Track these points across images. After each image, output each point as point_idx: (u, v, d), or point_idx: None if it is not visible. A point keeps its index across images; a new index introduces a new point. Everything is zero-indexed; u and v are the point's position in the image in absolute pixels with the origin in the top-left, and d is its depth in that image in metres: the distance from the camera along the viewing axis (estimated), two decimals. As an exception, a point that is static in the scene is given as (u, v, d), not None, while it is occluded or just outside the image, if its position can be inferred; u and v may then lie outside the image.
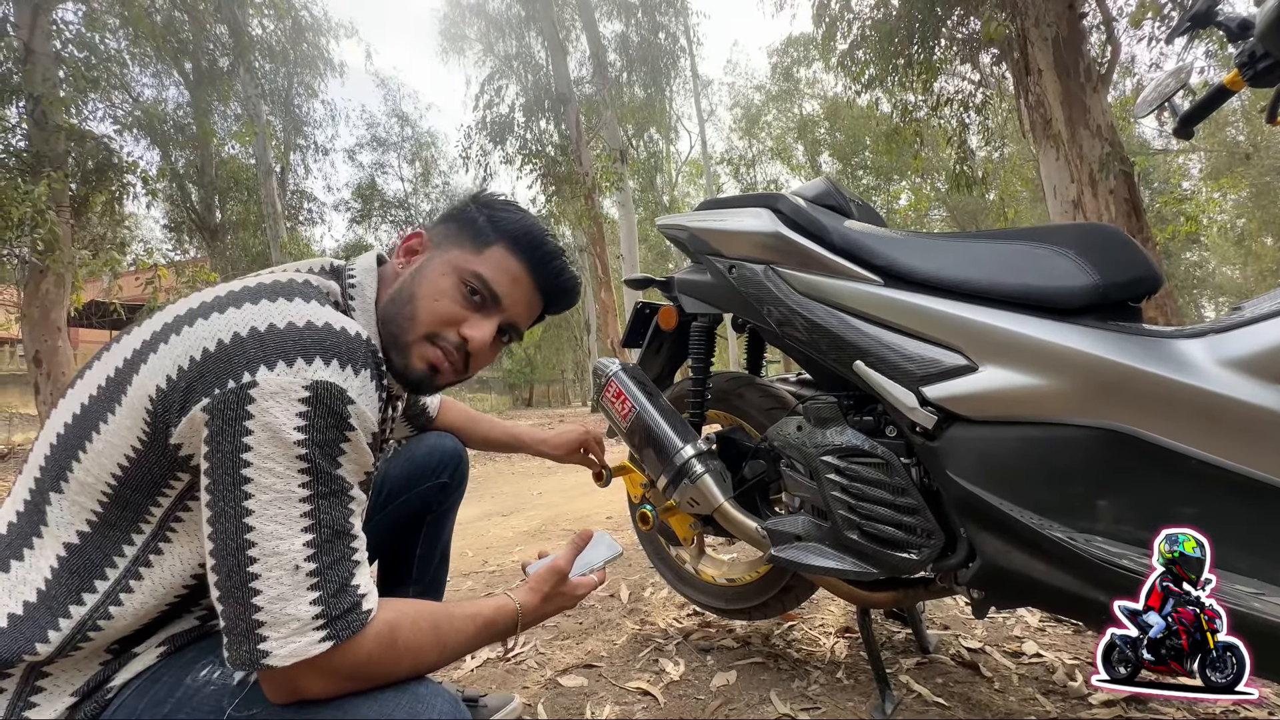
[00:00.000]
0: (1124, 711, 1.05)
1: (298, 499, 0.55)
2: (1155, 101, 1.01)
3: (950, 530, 0.94)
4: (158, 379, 0.58)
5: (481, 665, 1.43)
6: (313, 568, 0.55)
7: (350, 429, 0.58)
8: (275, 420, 0.54)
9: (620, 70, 13.46)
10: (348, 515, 0.58)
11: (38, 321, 6.36)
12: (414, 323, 0.72)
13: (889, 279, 0.99)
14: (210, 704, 0.58)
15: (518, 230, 0.76)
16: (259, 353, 0.56)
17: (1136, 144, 14.95)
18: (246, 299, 0.61)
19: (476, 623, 0.66)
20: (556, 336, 23.55)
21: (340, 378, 0.58)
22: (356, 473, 0.61)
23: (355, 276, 0.73)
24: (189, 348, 0.58)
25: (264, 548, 0.54)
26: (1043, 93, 5.30)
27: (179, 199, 11.37)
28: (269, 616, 0.53)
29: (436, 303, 0.72)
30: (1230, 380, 0.71)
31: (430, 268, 0.74)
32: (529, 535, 2.81)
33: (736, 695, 1.19)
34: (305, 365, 0.56)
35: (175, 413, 0.57)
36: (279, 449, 0.55)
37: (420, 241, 0.76)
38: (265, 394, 0.55)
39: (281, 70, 12.11)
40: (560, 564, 0.76)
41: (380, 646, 0.57)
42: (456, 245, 0.75)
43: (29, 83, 6.13)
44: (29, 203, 5.62)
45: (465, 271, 0.73)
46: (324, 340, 0.59)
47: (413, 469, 1.10)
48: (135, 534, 0.61)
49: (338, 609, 0.55)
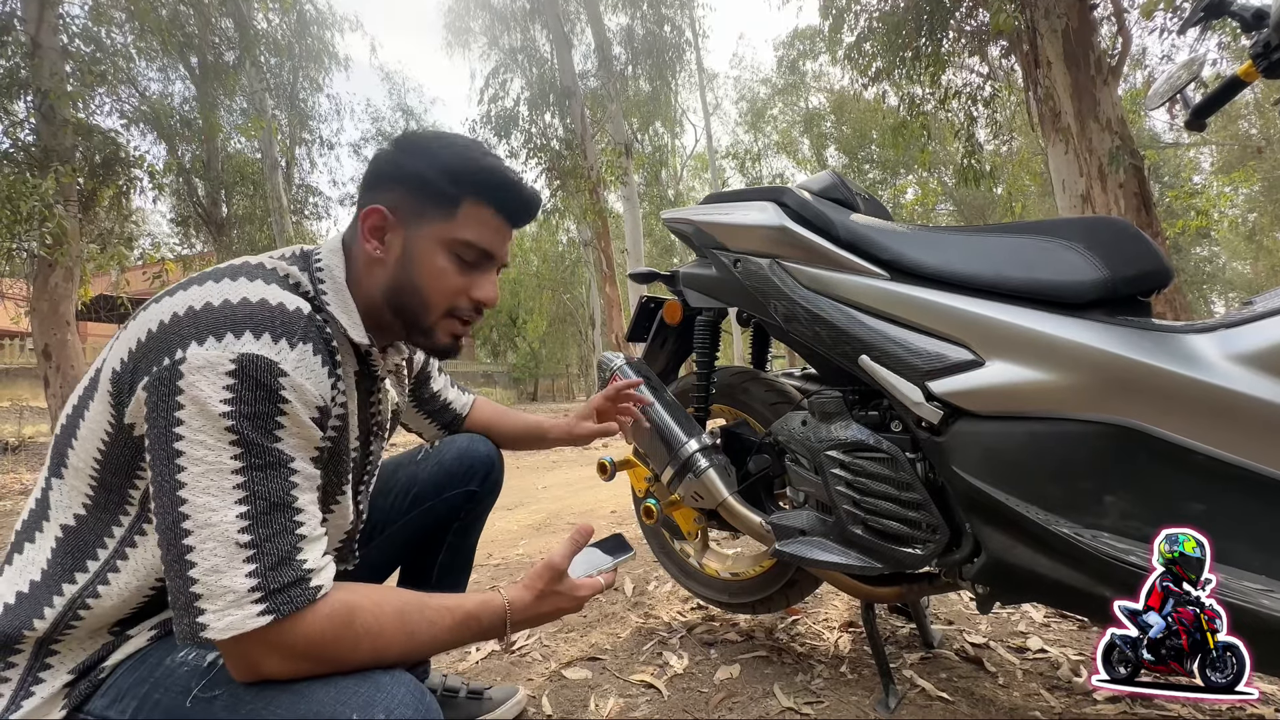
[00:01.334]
0: (1129, 707, 1.04)
1: (229, 470, 0.55)
2: (1167, 94, 1.00)
3: (955, 525, 0.94)
4: (114, 363, 0.61)
5: (486, 657, 1.44)
6: (247, 539, 0.55)
7: (284, 401, 0.58)
8: (201, 394, 0.55)
9: (625, 63, 13.39)
10: (288, 489, 0.58)
11: (47, 315, 6.40)
12: (429, 307, 0.74)
13: (895, 273, 0.99)
14: (180, 685, 0.59)
15: (475, 177, 0.73)
16: (191, 329, 0.58)
17: (1147, 137, 14.77)
18: (195, 282, 0.63)
19: (454, 615, 0.63)
20: (561, 331, 23.56)
21: (271, 350, 0.58)
22: (301, 447, 0.60)
23: (322, 259, 0.72)
24: (138, 330, 0.61)
25: (196, 519, 0.54)
26: (1052, 85, 5.24)
27: (185, 193, 11.40)
28: (204, 589, 0.53)
29: (440, 282, 0.73)
30: (1240, 375, 0.70)
31: (417, 251, 0.72)
32: (533, 529, 2.82)
33: (740, 689, 1.20)
34: (234, 339, 0.57)
35: (126, 393, 0.60)
36: (208, 422, 0.55)
37: (382, 218, 0.71)
38: (193, 368, 0.56)
39: (287, 64, 12.10)
40: (555, 560, 0.70)
41: (335, 625, 0.56)
42: (426, 216, 0.72)
43: (36, 77, 6.15)
44: (37, 197, 5.65)
45: (454, 242, 0.73)
46: (255, 315, 0.59)
47: (441, 474, 1.06)
48: (123, 516, 0.64)
49: (277, 582, 0.55)
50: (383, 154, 0.75)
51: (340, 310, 0.70)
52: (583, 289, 20.36)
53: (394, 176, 0.73)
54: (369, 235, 0.72)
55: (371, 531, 1.00)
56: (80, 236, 6.62)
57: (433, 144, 0.74)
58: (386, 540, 1.03)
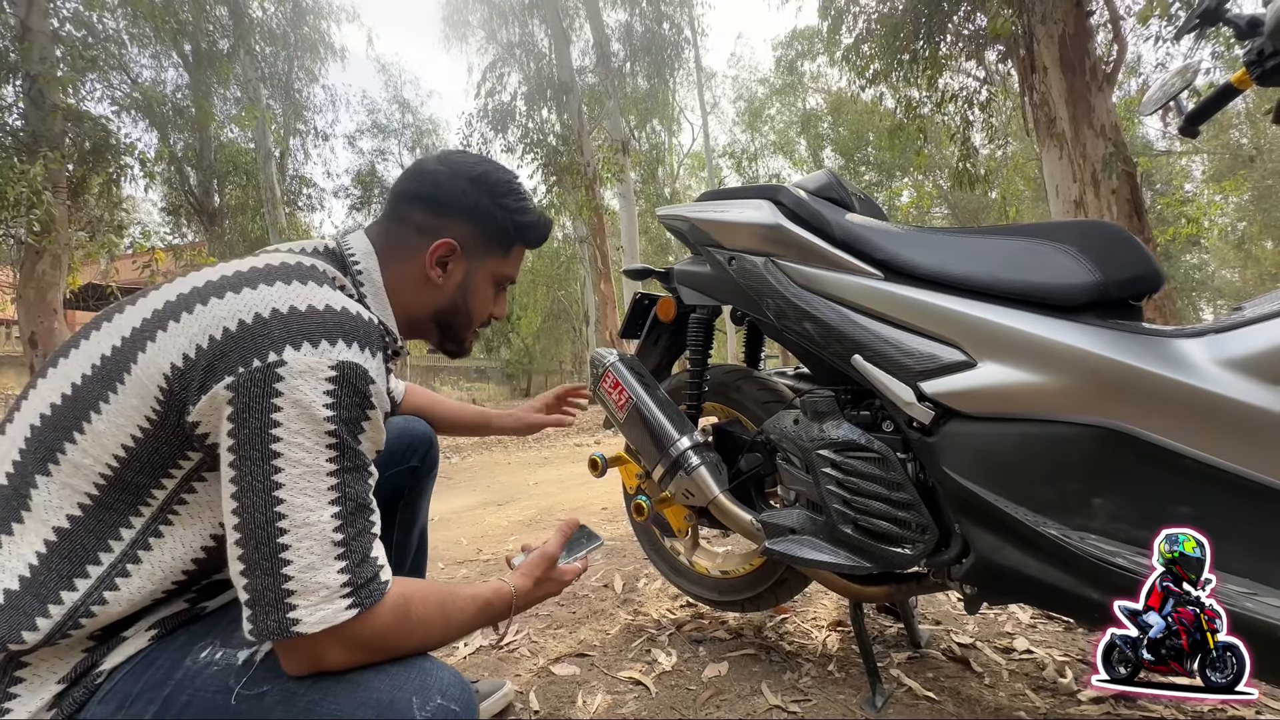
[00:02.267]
0: (1113, 708, 1.05)
1: (325, 473, 0.57)
2: (1161, 100, 1.00)
3: (944, 526, 0.94)
4: (172, 357, 0.59)
5: (474, 653, 1.43)
6: (340, 538, 0.57)
7: (371, 407, 0.62)
8: (305, 397, 0.57)
9: (624, 60, 13.35)
10: (368, 489, 0.61)
11: (33, 303, 6.32)
12: (469, 326, 0.86)
13: (889, 273, 0.99)
14: (216, 684, 0.58)
15: (535, 232, 0.86)
16: (283, 333, 0.59)
17: (1140, 144, 14.90)
18: (260, 280, 0.63)
19: (477, 603, 0.69)
20: (555, 328, 23.52)
21: (361, 359, 0.61)
22: (372, 450, 0.64)
23: (359, 261, 0.76)
24: (206, 326, 0.59)
25: (295, 519, 0.55)
26: (1047, 91, 5.27)
27: (177, 182, 11.29)
28: (299, 585, 0.55)
29: (486, 307, 0.87)
30: (1229, 380, 0.70)
31: (476, 282, 0.83)
32: (523, 525, 2.81)
33: (728, 686, 1.20)
34: (330, 346, 0.59)
35: (195, 390, 0.58)
36: (309, 425, 0.57)
37: (452, 251, 0.79)
38: (294, 372, 0.57)
39: (282, 54, 12.00)
40: (551, 550, 0.79)
41: (397, 617, 0.59)
42: (488, 253, 0.83)
43: (26, 61, 6.06)
44: (25, 183, 5.57)
45: (501, 276, 0.86)
46: (344, 323, 0.62)
47: (384, 454, 1.08)
48: (134, 516, 0.61)
49: (362, 577, 0.57)
50: (445, 180, 0.80)
51: (381, 315, 0.76)
52: (577, 285, 20.32)
53: (466, 212, 0.80)
54: (434, 264, 0.78)
55: None
56: (69, 224, 6.54)
57: (492, 182, 0.82)
58: None
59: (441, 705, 0.58)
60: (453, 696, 0.59)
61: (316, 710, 0.56)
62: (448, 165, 0.81)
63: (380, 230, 0.80)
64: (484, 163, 0.84)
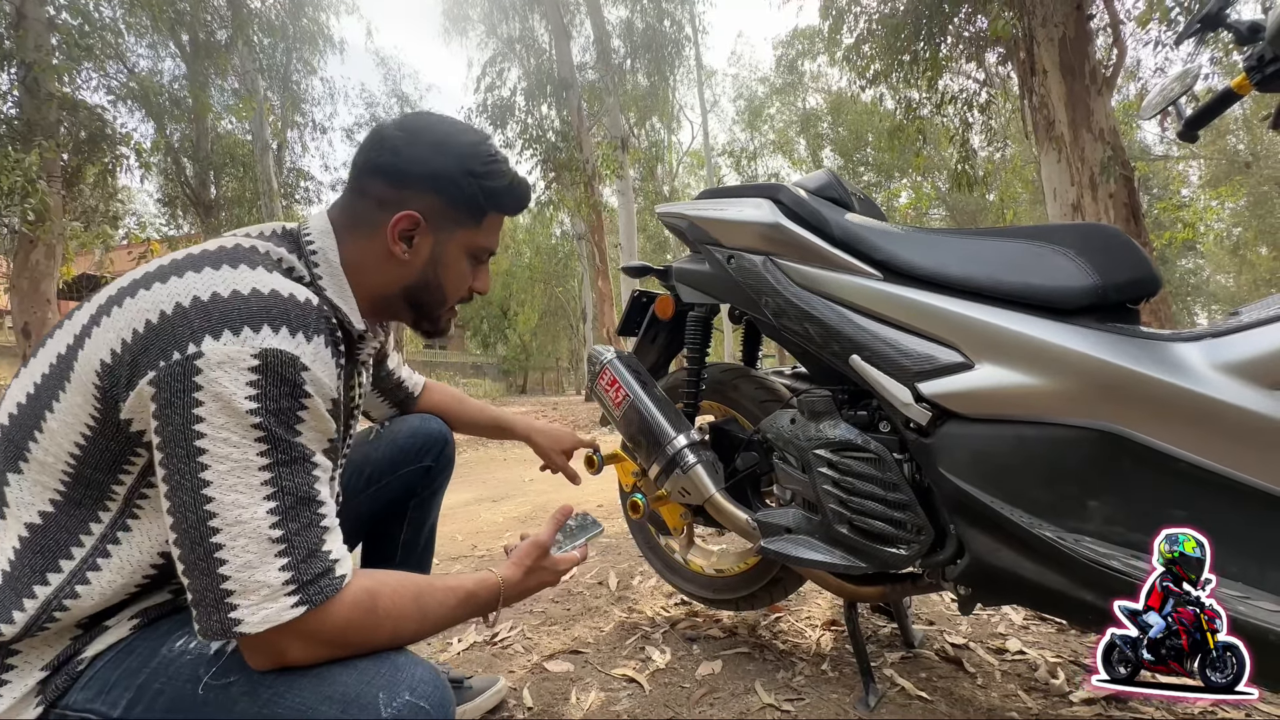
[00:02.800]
0: (1104, 710, 1.06)
1: (257, 467, 0.55)
2: (1161, 105, 1.00)
3: (940, 527, 0.94)
4: (102, 353, 0.57)
5: (468, 648, 1.43)
6: (279, 534, 0.55)
7: (306, 396, 0.58)
8: (225, 390, 0.54)
9: (624, 57, 13.32)
10: (311, 482, 0.58)
11: (27, 293, 6.28)
12: (444, 303, 0.79)
13: (888, 274, 0.99)
14: (187, 673, 0.58)
15: (510, 198, 0.79)
16: (203, 322, 0.55)
17: (1138, 149, 14.95)
18: (189, 267, 0.60)
19: (458, 595, 0.67)
20: (553, 324, 23.49)
21: (291, 345, 0.57)
22: (318, 440, 0.61)
23: (314, 241, 0.70)
24: (131, 320, 0.57)
25: (226, 517, 0.53)
26: (1047, 94, 5.28)
27: (173, 173, 11.20)
28: (238, 585, 0.53)
29: (460, 281, 0.79)
30: (1225, 385, 0.71)
31: (446, 255, 0.76)
32: (519, 521, 2.81)
33: (721, 685, 1.20)
34: (252, 333, 0.56)
35: (123, 387, 0.56)
36: (232, 419, 0.54)
37: (415, 224, 0.72)
38: (212, 364, 0.54)
39: (280, 45, 11.91)
40: (541, 538, 0.77)
41: (360, 612, 0.58)
42: (457, 224, 0.75)
43: (21, 49, 6.01)
44: (20, 171, 5.54)
45: (476, 248, 0.78)
46: (270, 308, 0.58)
47: (396, 452, 1.08)
48: (102, 512, 0.61)
49: (308, 574, 0.55)
50: (404, 148, 0.72)
51: (338, 297, 0.70)
52: (575, 283, 20.30)
53: (426, 182, 0.72)
54: (398, 239, 0.72)
55: None
56: (63, 213, 6.50)
57: (456, 146, 0.74)
58: (344, 519, 1.03)
59: (409, 702, 0.56)
60: (423, 694, 0.57)
61: (280, 703, 0.55)
62: (406, 131, 0.73)
63: (341, 207, 0.74)
64: (446, 123, 0.76)
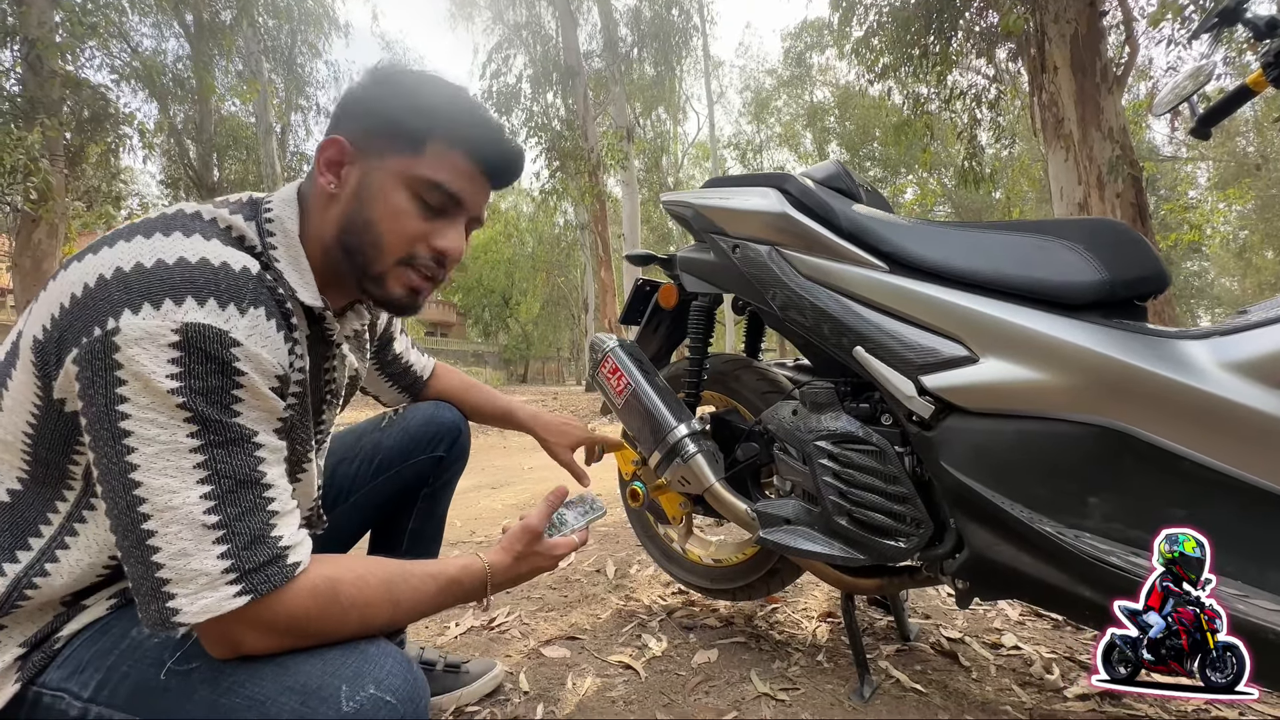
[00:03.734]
0: (1098, 705, 1.06)
1: (187, 449, 0.52)
2: (1173, 101, 1.00)
3: (939, 520, 0.94)
4: (35, 330, 0.55)
5: (465, 633, 1.44)
6: (215, 520, 0.52)
7: (239, 374, 0.54)
8: (144, 369, 0.50)
9: (631, 46, 13.22)
10: (253, 464, 0.55)
11: (29, 272, 6.28)
12: (381, 251, 0.66)
13: (894, 266, 0.98)
14: (152, 657, 0.57)
15: (449, 115, 0.66)
16: (123, 295, 0.52)
17: (1146, 149, 14.85)
18: (122, 236, 0.56)
19: (438, 581, 0.64)
20: (554, 314, 23.48)
21: (219, 318, 0.53)
22: (263, 419, 0.57)
23: (273, 209, 0.65)
24: (60, 294, 0.54)
25: (155, 503, 0.51)
26: (1057, 91, 5.24)
27: (176, 155, 11.16)
28: (173, 574, 0.51)
29: (398, 223, 0.65)
30: (1231, 384, 0.70)
31: (374, 184, 0.64)
32: (518, 508, 2.82)
33: (717, 673, 1.20)
34: (174, 306, 0.52)
35: (53, 365, 0.54)
36: (155, 399, 0.51)
37: (341, 150, 0.65)
38: (129, 340, 0.50)
39: (285, 27, 11.82)
40: (532, 522, 0.72)
41: (319, 601, 0.55)
42: (390, 150, 0.64)
43: (24, 25, 5.97)
44: (22, 149, 5.52)
45: (416, 181, 0.65)
46: (196, 278, 0.53)
47: (408, 440, 1.05)
48: (66, 491, 0.59)
49: (251, 562, 0.53)
50: (354, 86, 0.68)
51: (290, 267, 0.64)
52: (577, 272, 20.25)
53: (360, 108, 0.66)
54: (325, 168, 0.65)
55: (336, 498, 1.00)
56: (66, 193, 6.48)
57: (408, 79, 0.67)
58: (353, 507, 1.02)
59: (374, 696, 0.53)
60: (390, 687, 0.54)
61: (239, 691, 0.54)
62: (370, 75, 0.68)
63: (306, 180, 0.68)
64: (420, 73, 0.68)
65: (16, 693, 0.58)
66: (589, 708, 1.10)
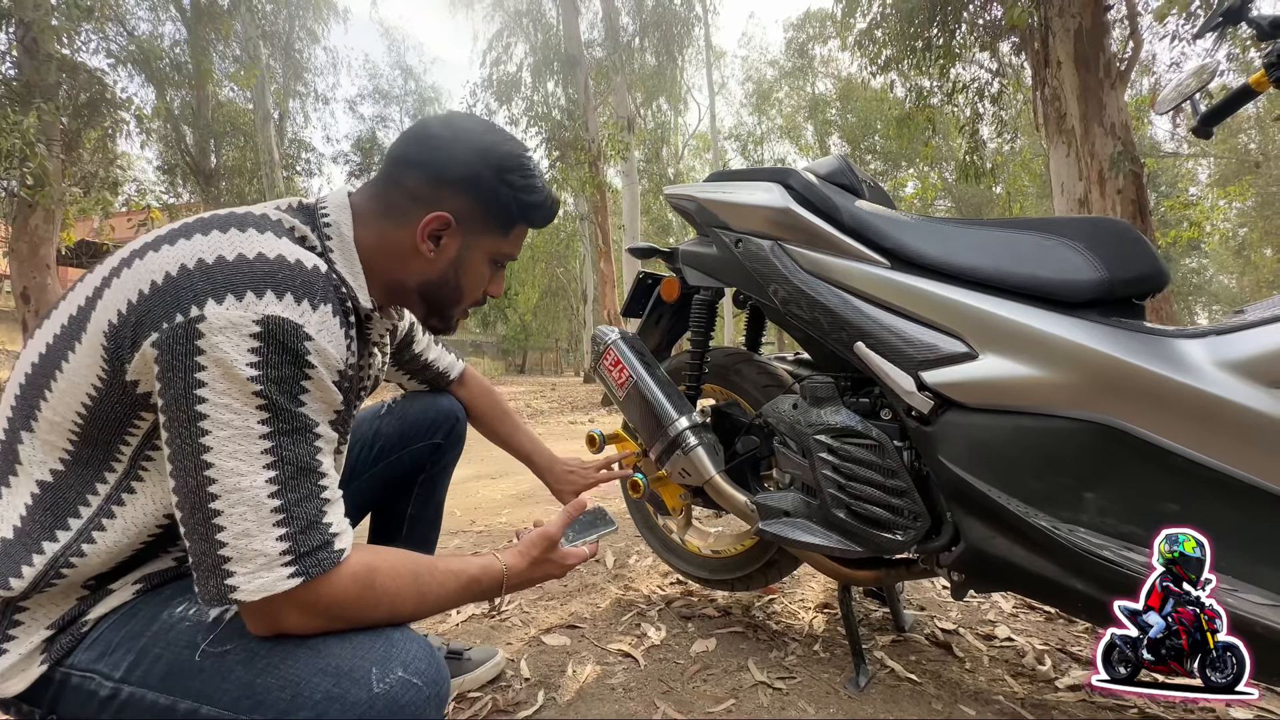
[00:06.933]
0: (1089, 695, 1.08)
1: (257, 435, 0.55)
2: (1176, 100, 1.00)
3: (936, 513, 0.95)
4: (110, 314, 0.58)
5: (467, 620, 1.46)
6: (277, 504, 0.54)
7: (309, 366, 0.58)
8: (226, 356, 0.53)
9: (633, 35, 13.10)
10: (314, 453, 0.58)
11: (26, 257, 6.25)
12: (459, 304, 0.80)
13: (896, 262, 0.99)
14: (185, 639, 0.59)
15: (540, 213, 0.79)
16: (206, 285, 0.55)
17: (1147, 145, 14.83)
18: (197, 230, 0.59)
19: (460, 579, 0.66)
20: (553, 305, 23.43)
21: (295, 313, 0.57)
22: (323, 410, 0.60)
23: (329, 215, 0.70)
24: (138, 281, 0.57)
25: (224, 484, 0.53)
26: (1060, 86, 5.22)
27: (173, 140, 11.07)
28: (235, 552, 0.53)
29: (480, 286, 0.80)
30: (1228, 382, 0.71)
31: (471, 259, 0.76)
32: (517, 499, 2.84)
33: (715, 662, 1.22)
34: (256, 299, 0.55)
35: (128, 348, 0.56)
36: (233, 385, 0.54)
37: (445, 225, 0.72)
38: (214, 329, 0.53)
39: (283, 12, 11.72)
40: (551, 531, 0.76)
41: (357, 586, 0.58)
42: (486, 231, 0.76)
43: (19, 8, 5.90)
44: (18, 134, 5.47)
45: (500, 255, 0.79)
46: (276, 273, 0.57)
47: (405, 427, 1.08)
48: (108, 472, 0.61)
49: (306, 545, 0.55)
50: (446, 147, 0.72)
51: (347, 272, 0.69)
52: (577, 263, 20.20)
53: (467, 185, 0.73)
54: (426, 237, 0.72)
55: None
56: (63, 178, 6.44)
57: (498, 155, 0.74)
58: (353, 492, 1.04)
59: (402, 679, 0.56)
60: (416, 670, 0.57)
61: (274, 673, 0.56)
62: (452, 131, 0.74)
63: (371, 193, 0.73)
64: (492, 132, 0.76)
65: (44, 674, 0.59)
66: (589, 694, 1.12)
